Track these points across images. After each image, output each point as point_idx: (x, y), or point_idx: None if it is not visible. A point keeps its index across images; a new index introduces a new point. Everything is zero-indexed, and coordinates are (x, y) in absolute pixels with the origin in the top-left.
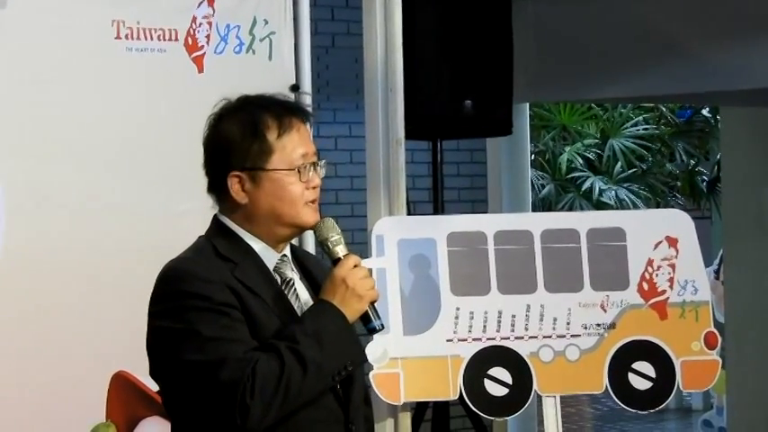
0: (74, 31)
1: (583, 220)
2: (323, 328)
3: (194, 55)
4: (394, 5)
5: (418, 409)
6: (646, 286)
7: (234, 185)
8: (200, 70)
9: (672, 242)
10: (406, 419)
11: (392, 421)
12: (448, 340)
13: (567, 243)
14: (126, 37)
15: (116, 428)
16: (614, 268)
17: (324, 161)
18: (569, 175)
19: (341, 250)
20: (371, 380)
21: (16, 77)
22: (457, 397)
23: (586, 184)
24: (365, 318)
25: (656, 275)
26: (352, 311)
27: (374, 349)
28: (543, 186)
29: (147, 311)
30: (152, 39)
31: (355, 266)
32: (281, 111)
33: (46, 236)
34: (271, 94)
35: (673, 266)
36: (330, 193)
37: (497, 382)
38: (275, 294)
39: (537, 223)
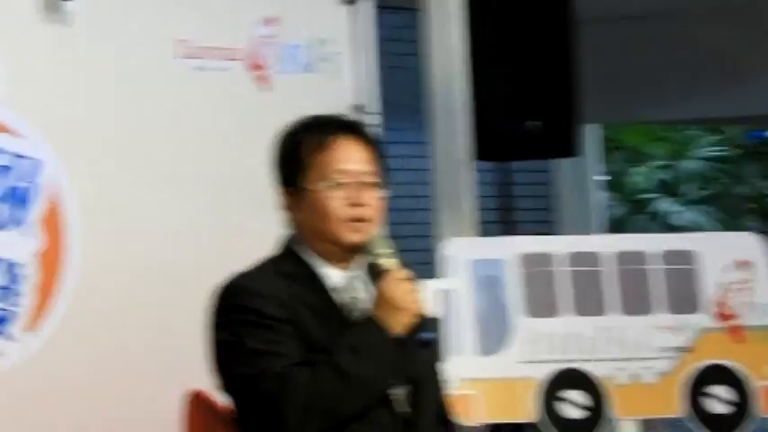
0: (136, 50)
1: (655, 243)
2: (362, 342)
3: (257, 74)
4: (456, 27)
5: None
6: (721, 309)
7: (285, 203)
8: (263, 89)
9: (745, 265)
10: None
11: None
12: (522, 362)
13: (641, 265)
14: (189, 56)
15: None
16: (688, 291)
17: (378, 180)
18: (639, 197)
19: (388, 264)
20: None
21: (83, 96)
22: (531, 419)
23: (656, 206)
24: (413, 331)
25: (731, 299)
26: (396, 325)
27: (448, 369)
28: (613, 208)
29: None
30: (215, 58)
31: (400, 280)
32: (323, 128)
33: (121, 257)
34: (328, 113)
35: (747, 290)
36: (396, 213)
37: (572, 405)
38: (331, 312)
39: (609, 245)
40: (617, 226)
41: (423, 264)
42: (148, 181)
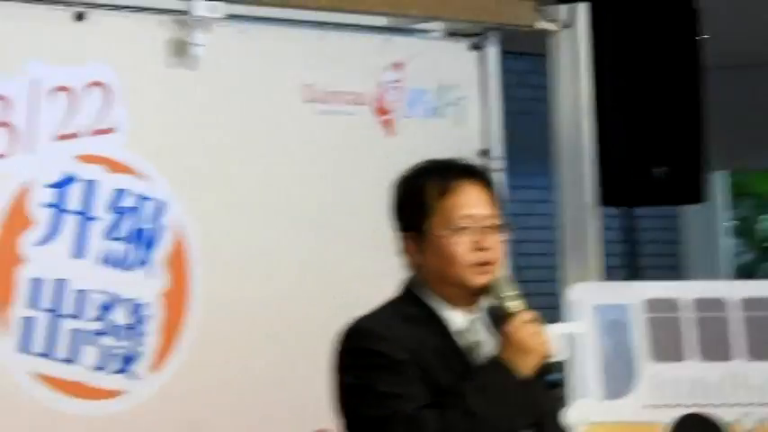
0: (264, 95)
1: None
2: (490, 383)
3: (383, 118)
4: (582, 72)
5: None
6: None
7: (407, 247)
8: (389, 134)
9: None
10: None
11: None
12: (647, 406)
13: (767, 311)
14: (315, 100)
15: None
16: None
17: (502, 223)
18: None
19: (514, 306)
20: None
21: (208, 141)
22: None
23: None
24: (541, 373)
25: None
26: (523, 366)
27: (574, 414)
28: (741, 255)
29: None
30: (341, 103)
31: (527, 322)
32: (446, 173)
33: (244, 296)
34: (450, 158)
35: None
36: (524, 258)
37: None
38: (455, 355)
39: (735, 291)
40: (745, 273)
41: (549, 308)
42: (271, 223)
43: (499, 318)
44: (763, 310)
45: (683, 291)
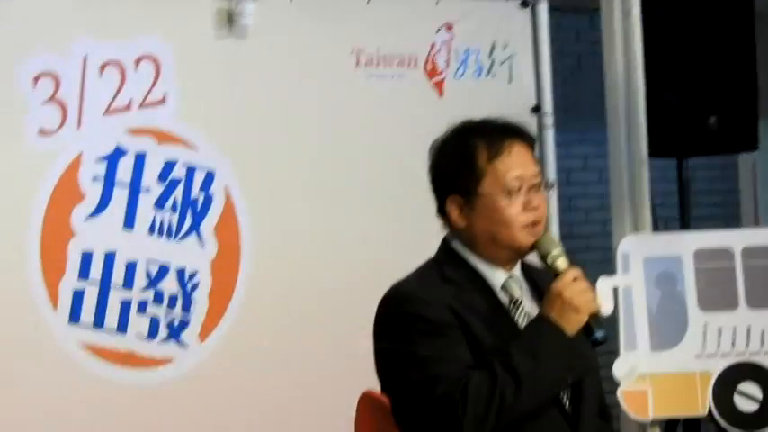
0: (315, 60)
1: None
2: (538, 342)
3: (434, 80)
4: (634, 24)
5: (668, 428)
6: None
7: (452, 210)
8: (441, 95)
9: None
10: None
11: None
12: (697, 356)
13: None
14: (366, 64)
15: None
16: None
17: (549, 181)
18: None
19: (561, 264)
20: (620, 396)
21: (258, 110)
22: (706, 413)
23: None
24: (587, 330)
25: None
26: (570, 324)
27: (622, 366)
28: None
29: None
30: (392, 65)
31: (574, 279)
32: (494, 134)
33: (290, 264)
34: (492, 117)
35: None
36: (580, 213)
37: (748, 398)
38: (499, 314)
39: None
40: None
41: (604, 261)
42: (322, 191)
43: (535, 276)
44: None
45: (733, 240)
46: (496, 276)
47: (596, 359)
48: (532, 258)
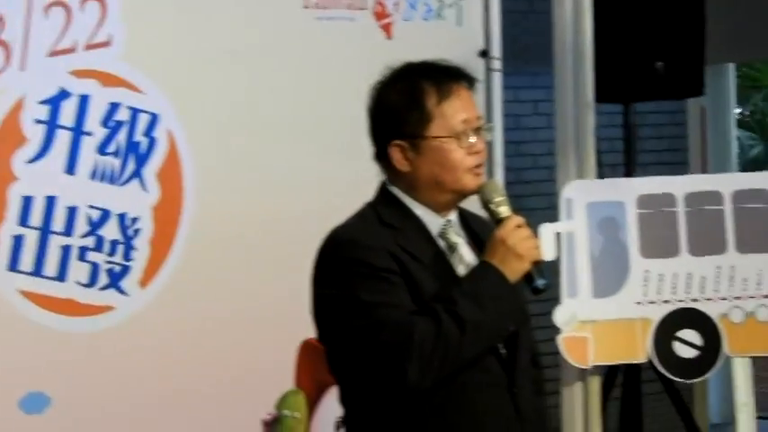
0: (262, 2)
1: None
2: (481, 289)
3: (383, 22)
4: None
5: (609, 373)
6: None
7: (396, 154)
8: (389, 37)
9: None
10: (594, 383)
11: (581, 385)
12: (637, 303)
13: (758, 203)
14: (315, 6)
15: (304, 396)
16: None
17: (489, 125)
18: None
19: (504, 211)
20: (560, 343)
21: (204, 52)
22: (645, 359)
23: None
24: (528, 278)
25: None
26: (512, 272)
27: (563, 313)
28: (753, 148)
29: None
30: (340, 7)
31: (518, 227)
32: (441, 77)
33: (235, 210)
34: (435, 59)
35: None
36: (528, 158)
37: (687, 344)
38: (438, 259)
39: (728, 184)
40: (756, 166)
41: (551, 208)
42: (267, 135)
43: (471, 222)
44: (755, 202)
45: (676, 186)
46: (434, 222)
47: (525, 304)
48: (469, 204)
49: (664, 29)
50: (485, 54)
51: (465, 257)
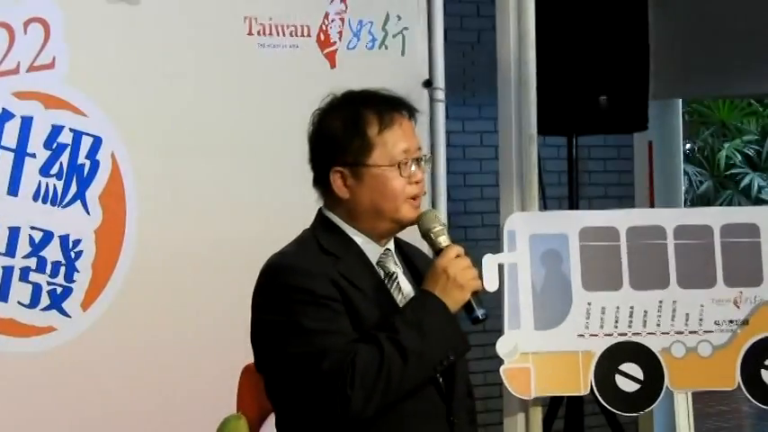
0: (206, 28)
1: (716, 216)
2: (423, 318)
3: (327, 51)
4: (528, 1)
5: (552, 406)
6: None
7: (336, 181)
8: (333, 66)
9: None
10: (537, 414)
11: (523, 416)
12: (579, 335)
13: (700, 239)
14: (258, 33)
15: (246, 421)
16: (748, 264)
17: (427, 156)
18: (728, 172)
19: (443, 241)
20: (503, 374)
21: (149, 75)
22: (587, 392)
23: (745, 181)
24: (468, 307)
25: None
26: (453, 301)
27: (505, 344)
28: (702, 183)
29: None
30: (284, 35)
31: (458, 257)
32: (383, 106)
33: (177, 234)
34: (375, 88)
35: None
36: (475, 189)
37: (628, 378)
38: (377, 287)
39: (670, 219)
40: (705, 201)
41: (497, 239)
42: (210, 160)
43: (407, 252)
44: (696, 238)
45: (618, 219)
46: (373, 251)
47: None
48: (405, 235)
49: (608, 63)
50: (428, 84)
51: (403, 287)
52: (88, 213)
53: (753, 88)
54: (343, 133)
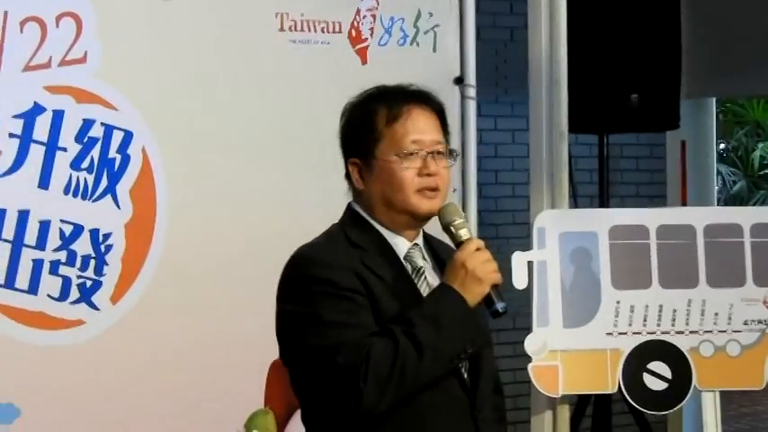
0: (237, 24)
1: (746, 216)
2: (440, 312)
3: (358, 47)
4: None
5: (579, 404)
6: None
7: (353, 173)
8: (364, 62)
9: None
10: (564, 412)
11: (551, 414)
12: (608, 333)
13: (730, 238)
14: (290, 29)
15: (274, 415)
16: None
17: (451, 150)
18: (762, 172)
19: (464, 234)
20: (530, 372)
21: (180, 71)
22: (615, 390)
23: None
24: (488, 301)
25: None
26: (472, 295)
27: (533, 341)
28: (735, 183)
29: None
30: (316, 31)
31: (477, 250)
32: (398, 99)
33: (208, 228)
34: (404, 84)
35: None
36: (507, 187)
37: (656, 377)
38: (403, 282)
39: (700, 218)
40: (738, 201)
41: (527, 236)
42: (241, 156)
43: (436, 247)
44: (726, 237)
45: (648, 218)
46: (400, 245)
47: (489, 334)
48: (432, 229)
49: (639, 62)
50: (460, 81)
51: (431, 282)
52: (118, 207)
53: None
54: (356, 126)
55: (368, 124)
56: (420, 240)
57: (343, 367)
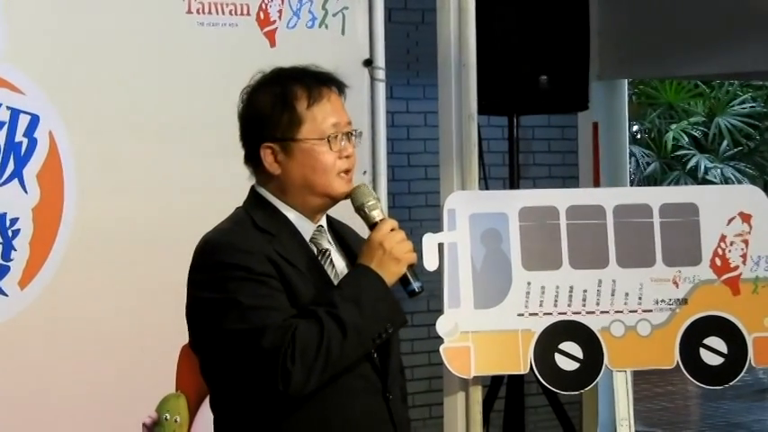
0: (145, 6)
1: (656, 196)
2: (361, 292)
3: (266, 29)
4: None
5: (493, 385)
6: (718, 262)
7: (267, 157)
8: (272, 45)
9: (745, 218)
10: (476, 393)
11: (463, 395)
12: (519, 314)
13: (640, 218)
14: (198, 11)
15: (186, 399)
16: (687, 244)
17: (358, 131)
18: (675, 153)
19: (377, 215)
20: (442, 353)
21: (87, 54)
22: (527, 371)
23: (692, 162)
24: (404, 281)
25: (729, 251)
26: (390, 274)
27: (445, 323)
28: (649, 164)
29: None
30: (224, 13)
31: (392, 230)
32: (312, 81)
33: (116, 211)
34: (305, 65)
35: (746, 242)
36: (419, 169)
37: (568, 357)
38: (311, 264)
39: (610, 198)
40: (652, 182)
41: (438, 219)
42: (149, 139)
43: (338, 228)
44: (636, 217)
45: (558, 199)
46: (306, 227)
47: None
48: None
49: (549, 43)
50: (369, 63)
51: (336, 264)
52: (26, 191)
53: (699, 69)
54: (272, 109)
55: (288, 107)
56: (324, 222)
57: (269, 350)
